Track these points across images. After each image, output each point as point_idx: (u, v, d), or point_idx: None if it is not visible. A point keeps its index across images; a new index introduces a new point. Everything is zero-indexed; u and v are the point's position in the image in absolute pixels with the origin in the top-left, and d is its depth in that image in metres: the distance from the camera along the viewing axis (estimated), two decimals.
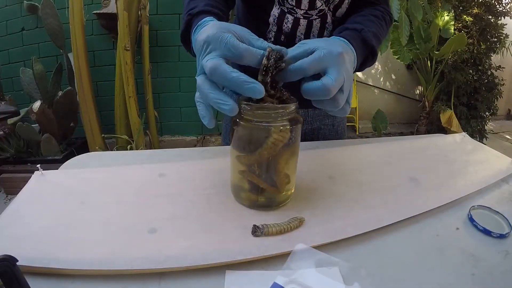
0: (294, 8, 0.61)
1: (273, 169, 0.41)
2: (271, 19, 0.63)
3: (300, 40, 0.56)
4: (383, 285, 0.34)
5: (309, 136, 0.76)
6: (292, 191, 0.46)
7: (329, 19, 0.62)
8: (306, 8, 0.61)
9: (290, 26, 0.62)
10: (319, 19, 0.62)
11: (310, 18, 0.62)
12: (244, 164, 0.42)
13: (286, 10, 0.62)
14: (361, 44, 0.48)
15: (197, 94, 0.38)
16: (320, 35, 0.63)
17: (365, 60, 0.51)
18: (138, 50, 2.10)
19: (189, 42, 0.48)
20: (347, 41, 0.45)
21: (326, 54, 0.37)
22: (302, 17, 0.62)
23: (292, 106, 0.39)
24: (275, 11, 0.62)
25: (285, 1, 0.61)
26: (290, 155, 0.42)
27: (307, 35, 0.63)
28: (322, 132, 0.77)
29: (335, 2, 0.60)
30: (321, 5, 0.60)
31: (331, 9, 0.62)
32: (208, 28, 0.38)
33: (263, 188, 0.43)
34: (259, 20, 0.64)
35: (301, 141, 0.46)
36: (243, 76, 0.34)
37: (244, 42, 0.37)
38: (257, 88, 0.34)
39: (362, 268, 0.36)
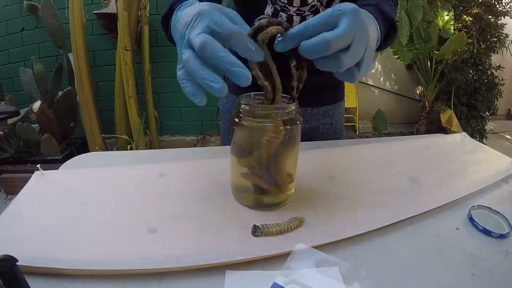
0: (287, 5, 0.62)
1: (275, 169, 0.41)
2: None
3: None
4: (383, 285, 0.34)
5: (307, 135, 0.77)
6: (293, 190, 0.46)
7: None
8: (298, 5, 0.61)
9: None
10: (312, 15, 0.62)
11: (303, 15, 0.62)
12: (246, 166, 0.42)
13: (279, 8, 0.63)
14: (381, 16, 0.44)
15: (180, 71, 0.34)
16: None
17: (387, 35, 0.48)
18: (138, 50, 2.10)
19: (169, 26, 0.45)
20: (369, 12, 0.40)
21: (336, 10, 0.32)
22: (295, 14, 0.62)
23: (292, 107, 0.39)
24: (268, 10, 0.63)
25: (280, 0, 0.61)
26: (291, 155, 0.42)
27: None
28: (321, 132, 0.78)
29: None
30: (313, 0, 0.60)
31: (324, 4, 0.62)
32: (201, 5, 0.35)
33: (265, 189, 0.42)
34: (253, 20, 0.64)
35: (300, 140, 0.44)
36: (233, 58, 0.31)
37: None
38: (244, 74, 0.30)
39: (362, 268, 0.36)
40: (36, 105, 1.84)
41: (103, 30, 2.24)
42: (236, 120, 0.39)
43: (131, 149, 1.90)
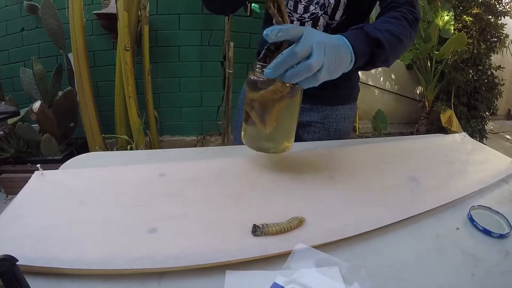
0: (292, 12, 0.70)
1: (267, 111, 0.49)
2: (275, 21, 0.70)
3: None
4: (383, 285, 0.34)
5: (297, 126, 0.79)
6: (290, 146, 0.54)
7: (321, 22, 0.69)
8: (302, 12, 0.69)
9: None
10: (311, 21, 0.69)
11: (303, 21, 0.69)
12: (249, 97, 0.50)
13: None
14: (364, 38, 0.50)
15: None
16: None
17: (375, 53, 0.52)
18: (138, 50, 2.10)
19: None
20: (344, 37, 0.48)
21: (307, 45, 0.42)
22: (296, 20, 0.70)
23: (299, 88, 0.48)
24: None
25: (286, 7, 0.68)
26: (286, 108, 0.50)
27: None
28: (312, 130, 0.80)
29: (332, 6, 0.67)
30: (314, 9, 0.67)
31: (328, 13, 0.68)
32: None
33: (253, 121, 0.51)
34: (270, 23, 0.73)
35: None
36: None
37: None
38: None
39: (362, 268, 0.36)
40: (36, 105, 1.83)
41: (103, 30, 2.24)
42: (258, 67, 0.48)
43: (131, 149, 1.89)
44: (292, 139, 0.54)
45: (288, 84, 0.45)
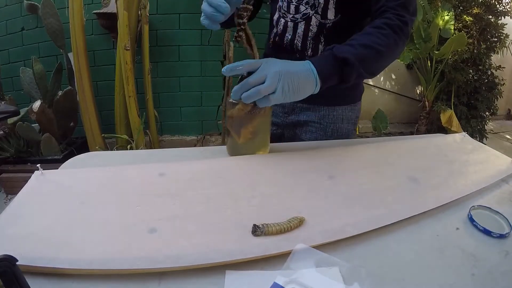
0: (286, 13, 0.73)
1: (240, 125, 0.58)
2: (274, 22, 0.77)
3: (287, 40, 0.75)
4: (383, 285, 0.34)
5: (295, 125, 0.82)
6: (264, 151, 0.62)
7: (314, 21, 0.70)
8: (294, 13, 0.71)
9: (281, 28, 0.75)
10: (304, 21, 0.71)
11: (296, 21, 0.72)
12: (227, 115, 0.60)
13: (281, 15, 0.74)
14: (331, 59, 0.56)
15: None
16: (305, 35, 0.73)
17: (344, 72, 0.57)
18: (138, 50, 2.10)
19: None
20: (311, 61, 0.55)
21: (263, 73, 0.52)
22: (289, 20, 0.73)
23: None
24: (276, 15, 0.76)
25: (281, 7, 0.73)
26: (257, 123, 0.59)
27: (293, 35, 0.74)
28: (309, 129, 0.80)
29: (321, 6, 0.68)
30: (305, 9, 0.70)
31: (320, 13, 0.69)
32: None
33: (230, 133, 0.61)
34: (272, 23, 0.79)
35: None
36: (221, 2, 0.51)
37: None
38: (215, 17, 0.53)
39: (362, 268, 0.36)
40: (36, 105, 1.83)
41: (103, 30, 2.24)
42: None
43: (131, 149, 1.89)
44: (265, 148, 0.63)
45: (248, 104, 0.54)
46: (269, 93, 0.52)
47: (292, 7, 0.71)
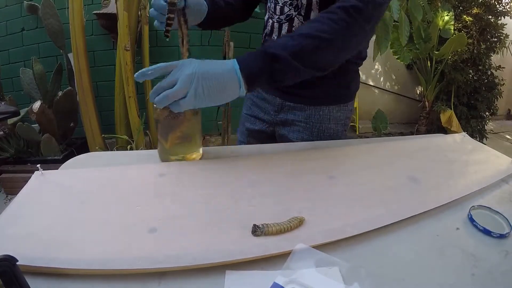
0: (273, 14, 0.73)
1: (168, 129, 0.57)
2: (265, 23, 0.78)
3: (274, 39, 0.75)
4: (383, 285, 0.34)
5: (282, 123, 0.79)
6: (194, 156, 0.60)
7: (296, 22, 0.70)
8: (279, 14, 0.71)
9: (269, 28, 0.75)
10: (287, 22, 0.71)
11: (281, 22, 0.72)
12: (154, 118, 0.62)
13: (269, 16, 0.75)
14: (261, 56, 0.51)
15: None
16: None
17: (274, 69, 0.51)
18: (138, 50, 2.10)
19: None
20: (238, 60, 0.50)
21: (176, 75, 0.49)
22: (275, 21, 0.73)
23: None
24: (266, 16, 0.77)
25: (269, 8, 0.74)
26: (186, 128, 0.58)
27: (278, 36, 0.74)
28: (296, 128, 0.77)
29: (304, 7, 0.67)
30: (288, 10, 0.69)
31: (302, 14, 0.68)
32: None
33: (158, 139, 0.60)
34: (265, 23, 0.79)
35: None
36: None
37: None
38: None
39: (362, 268, 0.36)
40: (36, 105, 1.83)
41: (103, 30, 2.24)
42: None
43: (131, 149, 1.89)
44: (197, 153, 0.61)
45: (166, 108, 0.52)
46: (180, 98, 0.48)
47: (278, 8, 0.70)
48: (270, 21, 0.74)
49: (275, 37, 0.73)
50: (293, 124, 0.77)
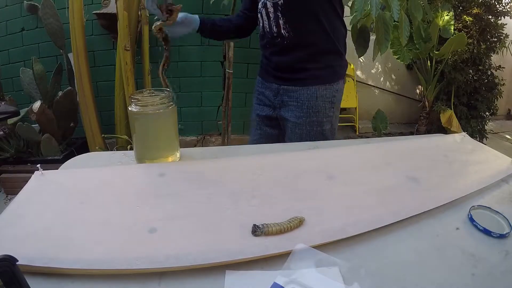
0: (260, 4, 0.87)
1: (144, 132, 0.56)
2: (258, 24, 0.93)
3: (262, 26, 0.90)
4: (383, 285, 0.34)
5: (279, 105, 0.92)
6: (177, 158, 0.60)
7: (268, 4, 0.84)
8: (261, 2, 0.86)
9: (260, 19, 0.90)
10: (264, 8, 0.85)
11: (261, 11, 0.86)
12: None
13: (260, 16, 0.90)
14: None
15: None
16: (269, 18, 0.86)
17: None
18: (138, 50, 2.10)
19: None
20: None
21: None
22: (259, 11, 0.87)
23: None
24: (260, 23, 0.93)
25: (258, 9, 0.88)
26: (161, 129, 0.57)
27: (262, 22, 0.89)
28: (289, 108, 0.89)
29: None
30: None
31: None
32: None
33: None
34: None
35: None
36: None
37: None
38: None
39: (362, 268, 0.36)
40: (36, 105, 1.83)
41: (103, 30, 2.24)
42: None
43: (131, 149, 1.89)
44: (173, 155, 0.61)
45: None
46: None
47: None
48: (268, 3, 0.85)
49: (261, 24, 0.89)
50: (288, 105, 0.90)
